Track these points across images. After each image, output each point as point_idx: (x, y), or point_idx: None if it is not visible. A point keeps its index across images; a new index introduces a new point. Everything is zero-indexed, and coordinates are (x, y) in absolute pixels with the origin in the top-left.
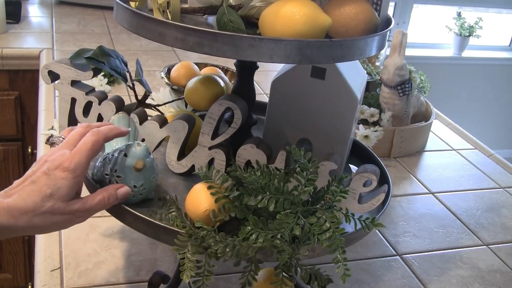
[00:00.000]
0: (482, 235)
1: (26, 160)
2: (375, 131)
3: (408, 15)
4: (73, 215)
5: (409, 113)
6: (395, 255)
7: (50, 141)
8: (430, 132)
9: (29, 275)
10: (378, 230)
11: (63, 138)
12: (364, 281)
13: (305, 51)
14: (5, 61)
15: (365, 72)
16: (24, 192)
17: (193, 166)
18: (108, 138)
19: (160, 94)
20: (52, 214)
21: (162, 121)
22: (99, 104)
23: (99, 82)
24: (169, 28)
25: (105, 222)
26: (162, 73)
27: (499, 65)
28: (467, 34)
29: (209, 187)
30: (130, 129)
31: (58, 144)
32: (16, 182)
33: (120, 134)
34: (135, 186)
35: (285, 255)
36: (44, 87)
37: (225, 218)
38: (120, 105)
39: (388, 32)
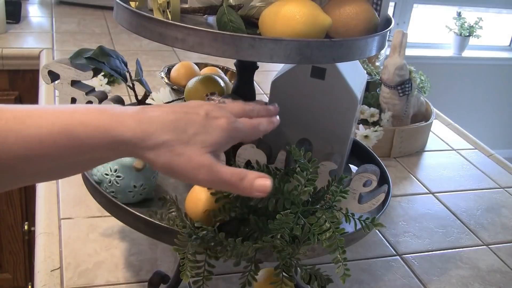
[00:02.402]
0: (482, 235)
1: None
2: (375, 131)
3: (408, 15)
4: (198, 167)
5: (409, 113)
6: (395, 255)
7: (210, 97)
8: (430, 132)
9: (29, 275)
10: (378, 230)
11: (224, 102)
12: (364, 281)
13: (305, 51)
14: (5, 61)
15: (365, 72)
16: (168, 114)
17: None
18: (265, 132)
19: (160, 94)
20: (179, 152)
21: None
22: (99, 104)
23: (99, 82)
24: (169, 28)
25: (105, 222)
26: (162, 73)
27: (499, 65)
28: (467, 34)
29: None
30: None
31: (215, 102)
32: (156, 105)
33: (274, 126)
34: (135, 186)
35: (285, 255)
36: (44, 87)
37: (225, 218)
38: (120, 105)
39: (388, 32)
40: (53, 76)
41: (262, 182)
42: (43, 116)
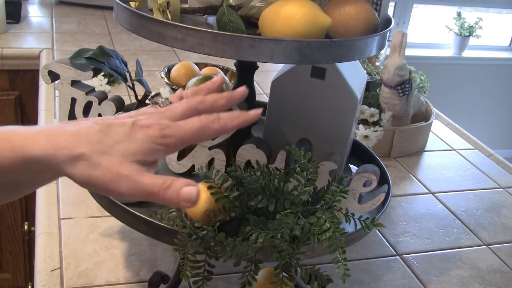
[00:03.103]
0: (482, 235)
1: None
2: (375, 131)
3: (408, 15)
4: (117, 178)
5: (409, 113)
6: (395, 255)
7: (153, 100)
8: (430, 132)
9: (29, 275)
10: (378, 230)
11: (170, 103)
12: (364, 281)
13: (305, 51)
14: (5, 61)
15: (365, 72)
16: (89, 128)
17: (193, 166)
18: (227, 130)
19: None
20: (96, 164)
21: None
22: (99, 104)
23: (99, 82)
24: (169, 28)
25: (105, 222)
26: (162, 73)
27: (499, 65)
28: (467, 34)
29: (209, 187)
30: (259, 113)
31: (159, 107)
32: (87, 119)
33: (245, 121)
34: None
35: (285, 255)
36: (44, 87)
37: (225, 218)
38: (120, 105)
39: (388, 32)
40: (53, 76)
41: (188, 191)
42: None
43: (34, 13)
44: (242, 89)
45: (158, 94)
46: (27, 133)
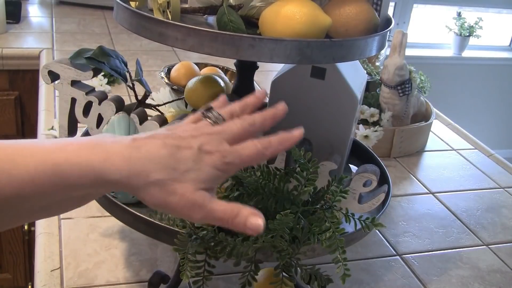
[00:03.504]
0: (482, 235)
1: None
2: (375, 131)
3: (408, 15)
4: (191, 206)
5: (409, 113)
6: (395, 255)
7: (205, 114)
8: (430, 132)
9: (29, 275)
10: (378, 230)
11: (222, 119)
12: (364, 281)
13: (305, 51)
14: (5, 61)
15: (365, 72)
16: (158, 149)
17: None
18: (277, 152)
19: (160, 94)
20: (172, 191)
21: (162, 121)
22: (99, 104)
23: (99, 82)
24: (169, 28)
25: (105, 222)
26: (162, 73)
27: (499, 65)
28: (467, 34)
29: None
30: (301, 133)
31: (211, 122)
32: (149, 134)
33: (292, 144)
34: None
35: (285, 255)
36: (44, 87)
37: None
38: (120, 105)
39: (388, 32)
40: (53, 76)
41: (255, 222)
42: (33, 154)
43: (34, 13)
44: (283, 106)
45: (211, 108)
46: (106, 152)
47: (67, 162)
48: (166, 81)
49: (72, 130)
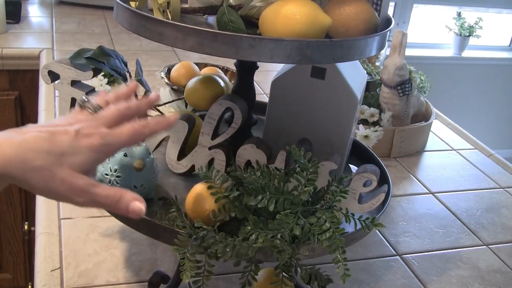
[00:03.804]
0: (482, 235)
1: None
2: (375, 131)
3: (408, 15)
4: (73, 190)
5: (409, 113)
6: (395, 255)
7: (83, 104)
8: (430, 132)
9: (29, 275)
10: (378, 230)
11: (100, 107)
12: (364, 281)
13: (305, 51)
14: (5, 61)
15: (365, 72)
16: (36, 138)
17: (193, 166)
18: (154, 134)
19: (160, 94)
20: (52, 176)
21: None
22: None
23: (99, 82)
24: (169, 28)
25: (105, 222)
26: (162, 73)
27: (499, 65)
28: (467, 34)
29: (209, 187)
30: (177, 118)
31: (90, 111)
32: (31, 125)
33: (168, 126)
34: (135, 186)
35: (285, 255)
36: (44, 87)
37: (225, 218)
38: None
39: (388, 32)
40: (53, 76)
41: (136, 207)
42: None
43: (34, 13)
44: (156, 94)
45: (87, 101)
46: None
47: None
48: (166, 81)
49: None
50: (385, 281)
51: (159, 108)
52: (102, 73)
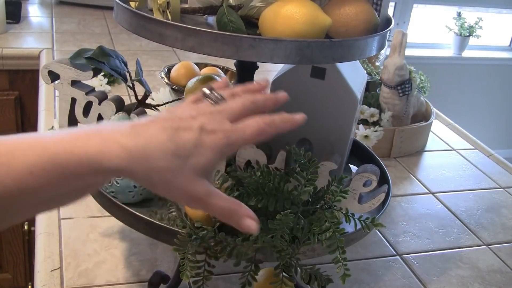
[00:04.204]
0: (482, 235)
1: None
2: (375, 131)
3: (408, 15)
4: (191, 198)
5: (409, 113)
6: (395, 255)
7: (207, 94)
8: (430, 132)
9: (29, 275)
10: (378, 230)
11: (223, 99)
12: (364, 281)
13: (305, 51)
14: (5, 61)
15: (365, 72)
16: (160, 134)
17: None
18: (278, 131)
19: (160, 94)
20: (174, 180)
21: None
22: (99, 104)
23: (99, 82)
24: (169, 28)
25: (105, 222)
26: (162, 73)
27: (499, 65)
28: (467, 34)
29: None
30: (304, 117)
31: (212, 103)
32: (148, 119)
33: (293, 125)
34: (135, 186)
35: (285, 255)
36: (44, 87)
37: None
38: (120, 105)
39: (388, 32)
40: (53, 76)
41: (249, 224)
42: (33, 146)
43: (34, 13)
44: (284, 94)
45: (212, 89)
46: (104, 140)
47: (64, 152)
48: (166, 81)
49: None
50: (385, 281)
51: (159, 108)
52: (102, 73)
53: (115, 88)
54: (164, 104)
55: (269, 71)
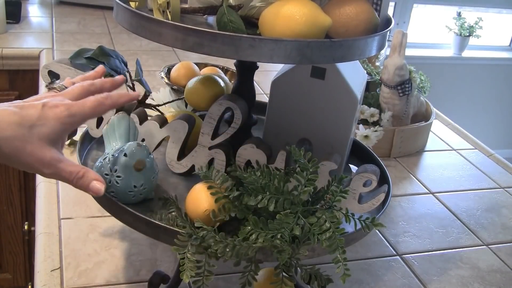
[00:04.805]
0: (482, 235)
1: None
2: (375, 131)
3: (408, 15)
4: (41, 162)
5: (409, 113)
6: (395, 255)
7: (50, 86)
8: (430, 132)
9: (29, 275)
10: (378, 230)
11: (65, 87)
12: (364, 281)
13: (305, 51)
14: (5, 61)
15: (365, 72)
16: (6, 111)
17: (193, 166)
18: (117, 106)
19: (160, 94)
20: (23, 147)
21: (162, 121)
22: None
23: None
24: (169, 28)
25: (105, 222)
26: (162, 73)
27: (499, 65)
28: (467, 34)
29: (209, 187)
30: (139, 93)
31: (58, 91)
32: (3, 104)
33: (130, 99)
34: (135, 186)
35: (285, 255)
36: (44, 87)
37: (225, 218)
38: None
39: (388, 32)
40: (53, 76)
41: (95, 187)
42: None
43: (34, 13)
44: (121, 77)
45: (53, 81)
46: None
47: None
48: (166, 81)
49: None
50: (385, 281)
51: (159, 108)
52: None
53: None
54: (164, 104)
55: (269, 71)
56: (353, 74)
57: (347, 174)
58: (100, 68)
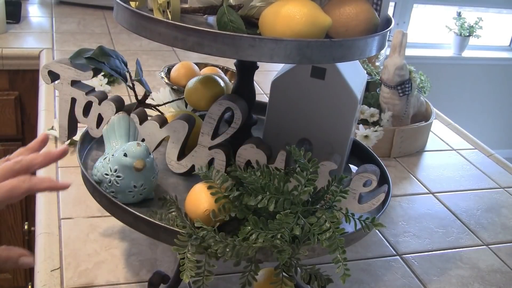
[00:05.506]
0: (482, 235)
1: None
2: (375, 131)
3: (408, 15)
4: None
5: (409, 113)
6: (395, 255)
7: None
8: (430, 132)
9: (29, 275)
10: (378, 230)
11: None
12: (364, 281)
13: (305, 51)
14: (5, 61)
15: (365, 72)
16: None
17: (193, 166)
18: (36, 190)
19: (160, 94)
20: None
21: (162, 121)
22: (99, 104)
23: (99, 82)
24: (169, 28)
25: (105, 222)
26: (162, 73)
27: (499, 65)
28: (467, 34)
29: (209, 187)
30: (69, 183)
31: None
32: None
33: (55, 188)
34: (135, 186)
35: (285, 255)
36: (44, 87)
37: (225, 218)
38: (120, 105)
39: (388, 32)
40: (53, 76)
41: (26, 261)
42: None
43: (34, 13)
44: (63, 148)
45: None
46: None
47: None
48: (166, 81)
49: (72, 130)
50: (385, 281)
51: (159, 108)
52: (102, 73)
53: (115, 88)
54: (164, 104)
55: (269, 71)
56: (353, 74)
57: (347, 174)
58: (43, 135)
